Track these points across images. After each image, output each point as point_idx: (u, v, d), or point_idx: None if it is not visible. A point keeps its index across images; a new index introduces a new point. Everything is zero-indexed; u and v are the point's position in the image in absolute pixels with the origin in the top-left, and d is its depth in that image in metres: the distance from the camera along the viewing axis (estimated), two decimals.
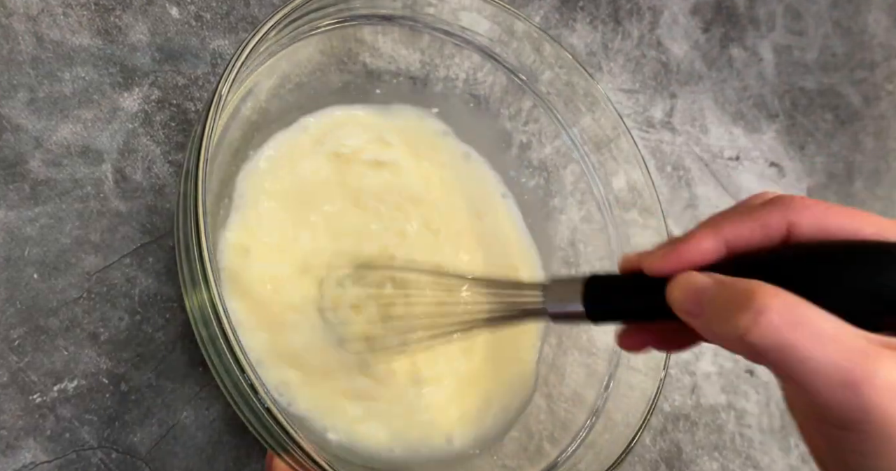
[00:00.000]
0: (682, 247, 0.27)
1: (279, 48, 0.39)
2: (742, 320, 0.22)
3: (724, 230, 0.26)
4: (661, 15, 0.67)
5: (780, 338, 0.22)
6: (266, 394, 0.29)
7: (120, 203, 0.41)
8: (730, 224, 0.26)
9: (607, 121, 0.47)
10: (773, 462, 0.59)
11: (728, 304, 0.23)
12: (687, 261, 0.27)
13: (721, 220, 0.27)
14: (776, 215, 0.26)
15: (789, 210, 0.26)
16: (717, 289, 0.24)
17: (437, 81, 0.48)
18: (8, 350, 0.37)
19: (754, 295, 0.22)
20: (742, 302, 0.23)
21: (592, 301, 0.30)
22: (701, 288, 0.25)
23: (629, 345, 0.31)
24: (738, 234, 0.26)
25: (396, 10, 0.44)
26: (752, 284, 0.23)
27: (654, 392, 0.41)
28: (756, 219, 0.26)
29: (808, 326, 0.22)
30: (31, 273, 0.38)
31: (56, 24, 0.42)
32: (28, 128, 0.40)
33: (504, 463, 0.43)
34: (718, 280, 0.25)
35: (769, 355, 0.22)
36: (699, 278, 0.25)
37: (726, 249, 0.27)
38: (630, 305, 0.30)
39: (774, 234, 0.26)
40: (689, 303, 0.25)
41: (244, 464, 0.41)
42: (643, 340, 0.31)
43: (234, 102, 0.38)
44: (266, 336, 0.39)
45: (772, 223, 0.26)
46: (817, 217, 0.25)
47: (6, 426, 0.36)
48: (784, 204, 0.26)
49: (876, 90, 0.78)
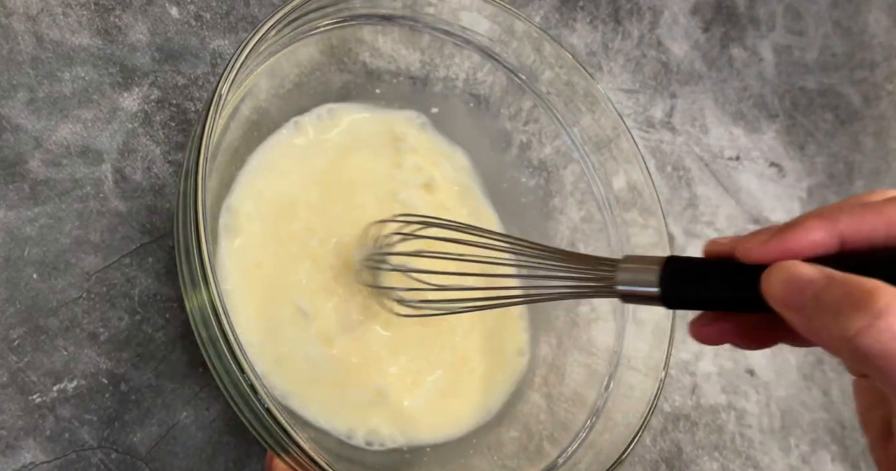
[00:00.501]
0: (787, 234, 0.24)
1: (279, 48, 0.39)
2: (856, 321, 0.20)
3: (841, 222, 0.24)
4: (662, 15, 0.67)
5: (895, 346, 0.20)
6: (266, 394, 0.29)
7: (120, 203, 0.41)
8: (849, 216, 0.24)
9: (607, 121, 0.47)
10: (773, 462, 0.59)
11: (840, 301, 0.21)
12: (792, 250, 0.24)
13: (836, 211, 0.24)
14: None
15: None
16: (826, 283, 0.22)
17: (437, 81, 0.48)
18: (8, 350, 0.37)
19: (874, 295, 0.20)
20: (858, 301, 0.21)
21: (671, 284, 0.27)
22: (807, 280, 0.23)
23: (705, 336, 0.28)
24: (858, 228, 0.24)
25: (396, 10, 0.44)
26: (872, 283, 0.21)
27: (654, 392, 0.41)
28: (881, 214, 0.24)
29: None
30: (30, 273, 0.38)
31: (56, 24, 0.42)
32: (28, 128, 0.40)
33: (504, 463, 0.43)
34: (829, 274, 0.22)
35: (880, 361, 0.20)
36: (805, 269, 0.23)
37: (840, 244, 0.24)
38: (713, 293, 0.27)
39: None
40: (792, 296, 0.23)
41: (244, 464, 0.41)
42: (722, 332, 0.28)
43: (234, 102, 0.38)
44: (267, 334, 0.40)
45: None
46: None
47: (6, 426, 0.36)
48: None
49: (876, 90, 0.78)
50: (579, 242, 0.49)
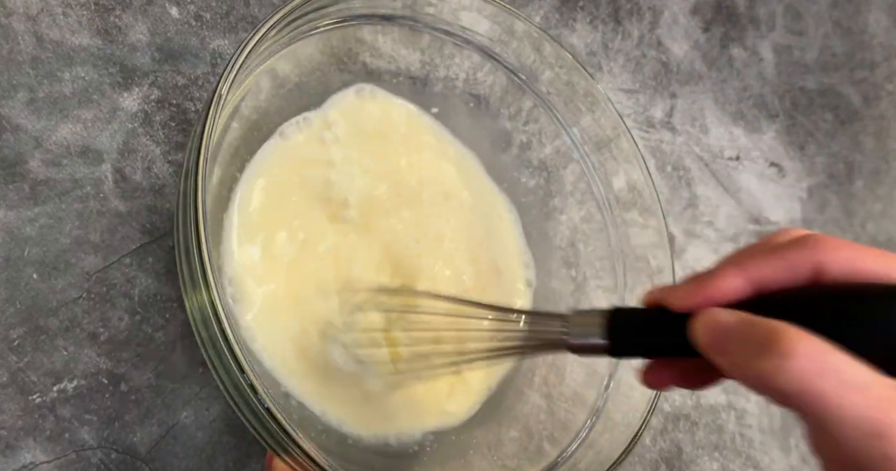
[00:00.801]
0: (707, 283, 0.26)
1: (279, 48, 0.39)
2: (768, 364, 0.22)
3: (750, 269, 0.26)
4: (662, 15, 0.67)
5: (806, 385, 0.21)
6: (266, 394, 0.29)
7: (120, 203, 0.41)
8: (755, 262, 0.26)
9: (607, 121, 0.47)
10: (773, 462, 0.59)
11: (753, 344, 0.23)
12: (712, 298, 0.26)
13: (747, 257, 0.26)
14: (804, 256, 0.25)
15: (817, 251, 0.25)
16: (742, 328, 0.24)
17: (437, 81, 0.48)
18: (8, 350, 0.37)
19: (781, 337, 0.22)
20: (768, 344, 0.22)
21: (615, 335, 0.30)
22: (725, 326, 0.25)
23: (652, 382, 0.31)
24: (764, 273, 0.26)
25: (396, 10, 0.44)
26: (778, 326, 0.23)
27: (655, 392, 0.41)
28: (783, 258, 0.26)
29: (836, 373, 0.21)
30: (30, 273, 0.38)
31: (56, 24, 0.42)
32: (28, 128, 0.40)
33: (504, 463, 0.43)
34: (743, 319, 0.24)
35: (794, 400, 0.22)
36: (723, 315, 0.25)
37: (753, 288, 0.26)
38: (653, 341, 0.29)
39: (801, 274, 0.25)
40: (713, 341, 0.25)
41: (244, 464, 0.41)
42: (666, 378, 0.30)
43: (234, 102, 0.38)
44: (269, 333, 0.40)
45: (799, 264, 0.25)
46: (848, 259, 0.25)
47: (6, 426, 0.36)
48: (812, 244, 0.25)
49: (876, 90, 0.78)
50: (579, 243, 0.49)
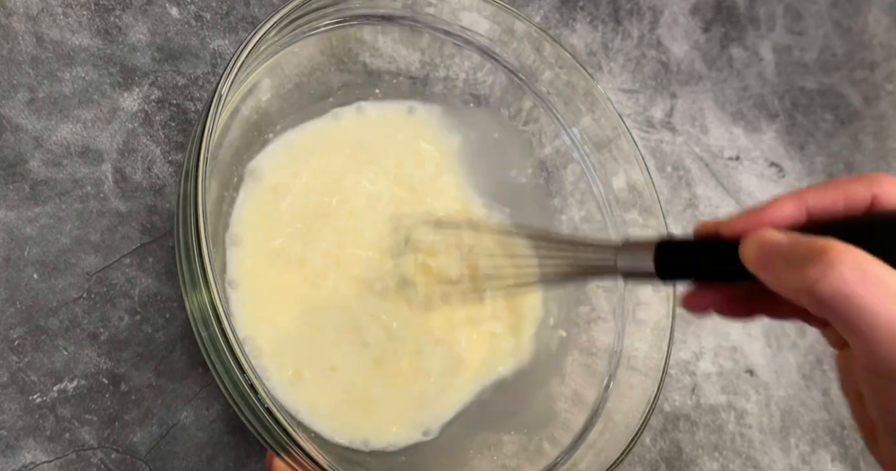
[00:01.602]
0: (762, 210, 0.28)
1: (279, 48, 0.39)
2: (812, 271, 0.23)
3: (807, 197, 0.27)
4: (661, 15, 0.67)
5: (848, 290, 0.23)
6: (266, 394, 0.29)
7: (120, 203, 0.41)
8: (814, 192, 0.27)
9: (607, 121, 0.47)
10: (773, 462, 0.59)
11: (800, 256, 0.24)
12: (766, 222, 0.28)
13: (805, 189, 0.28)
14: (861, 187, 0.27)
15: (874, 184, 0.27)
16: (791, 244, 0.25)
17: (437, 81, 0.48)
18: (8, 350, 0.37)
19: (827, 249, 0.23)
20: (814, 255, 0.24)
21: (664, 259, 0.31)
22: (776, 243, 0.26)
23: (693, 305, 0.32)
24: (821, 202, 0.27)
25: (396, 10, 0.44)
26: (826, 241, 0.24)
27: (654, 392, 0.41)
28: (841, 189, 0.27)
29: (876, 281, 0.23)
30: (31, 273, 0.38)
31: (56, 24, 0.42)
32: (28, 128, 0.40)
33: (504, 463, 0.43)
34: (793, 237, 0.26)
35: (835, 304, 0.23)
36: (774, 234, 0.26)
37: (807, 216, 0.27)
38: (700, 265, 0.30)
39: (858, 205, 0.27)
40: (762, 256, 0.26)
41: (244, 464, 0.41)
42: (708, 302, 0.31)
43: (234, 102, 0.38)
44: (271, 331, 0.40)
45: (856, 194, 0.27)
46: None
47: (6, 426, 0.36)
48: (870, 178, 0.27)
49: (876, 90, 0.78)
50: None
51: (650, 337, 0.44)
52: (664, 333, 0.43)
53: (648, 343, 0.44)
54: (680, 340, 0.58)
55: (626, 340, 0.45)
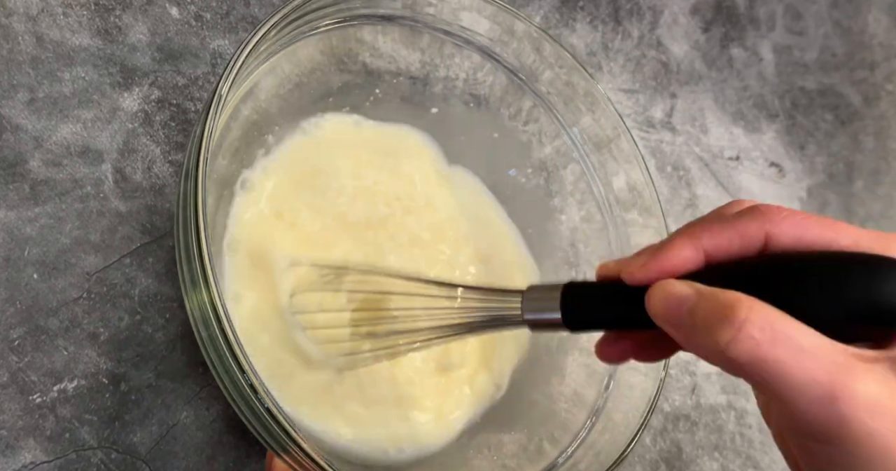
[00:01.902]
0: (661, 255, 0.27)
1: (279, 48, 0.39)
2: (723, 335, 0.22)
3: (703, 239, 0.26)
4: (661, 15, 0.67)
5: (759, 353, 0.22)
6: (266, 394, 0.29)
7: (120, 203, 0.41)
8: (708, 233, 0.26)
9: (607, 121, 0.47)
10: (773, 462, 0.59)
11: (709, 316, 0.23)
12: (666, 270, 0.27)
13: (699, 229, 0.27)
14: (753, 225, 0.26)
15: (766, 220, 0.26)
16: (697, 299, 0.24)
17: (437, 81, 0.48)
18: (8, 350, 0.37)
19: (735, 308, 0.22)
20: (723, 315, 0.23)
21: (570, 309, 0.30)
22: (681, 297, 0.25)
23: (608, 355, 0.31)
24: (717, 243, 0.26)
25: (396, 10, 0.44)
26: (732, 296, 0.23)
27: (654, 392, 0.41)
28: (734, 228, 0.26)
29: (787, 340, 0.22)
30: (31, 273, 0.38)
31: (56, 24, 0.42)
32: (28, 128, 0.40)
33: (504, 463, 0.43)
34: (698, 290, 0.25)
35: (748, 369, 0.22)
36: (679, 287, 0.25)
37: (704, 258, 0.27)
38: (608, 314, 0.29)
39: (752, 244, 0.26)
40: (670, 313, 0.25)
41: (244, 464, 0.41)
42: (622, 350, 0.31)
43: (234, 102, 0.38)
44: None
45: (749, 233, 0.26)
46: (795, 227, 0.25)
47: (6, 426, 0.36)
48: (761, 214, 0.26)
49: (876, 90, 0.78)
50: (579, 243, 0.49)
51: None
52: None
53: None
54: None
55: None
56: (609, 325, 0.30)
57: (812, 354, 0.21)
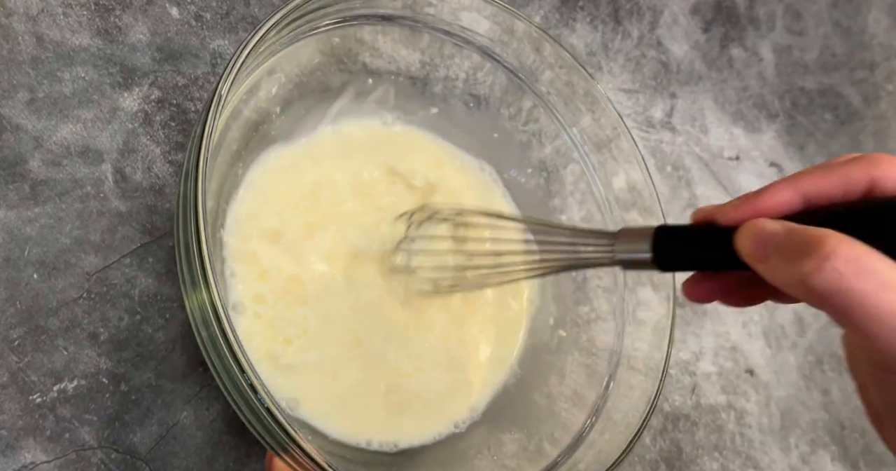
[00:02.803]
0: (758, 197, 0.27)
1: (279, 48, 0.39)
2: (807, 265, 0.23)
3: (804, 183, 0.26)
4: (661, 15, 0.67)
5: (843, 284, 0.22)
6: (266, 394, 0.29)
7: (120, 203, 0.41)
8: (810, 177, 0.26)
9: (607, 121, 0.47)
10: (773, 462, 0.59)
11: (795, 249, 0.23)
12: (762, 210, 0.27)
13: (802, 174, 0.27)
14: (858, 170, 0.26)
15: (872, 166, 0.25)
16: (786, 234, 0.24)
17: (437, 81, 0.48)
18: (8, 350, 0.37)
19: (822, 241, 0.23)
20: (809, 247, 0.23)
21: (662, 249, 0.30)
22: (770, 233, 0.25)
23: (695, 294, 0.31)
24: (818, 187, 0.26)
25: (396, 10, 0.44)
26: (821, 232, 0.23)
27: (654, 392, 0.41)
28: (838, 173, 0.26)
29: (873, 274, 0.22)
30: (31, 273, 0.38)
31: (56, 24, 0.42)
32: (28, 128, 0.40)
33: (504, 463, 0.43)
34: (788, 227, 0.25)
35: (831, 299, 0.22)
36: (769, 224, 0.25)
37: (804, 203, 0.26)
38: (698, 254, 0.30)
39: (855, 189, 0.26)
40: (757, 248, 0.25)
41: (244, 464, 0.41)
42: (710, 291, 0.30)
43: (234, 102, 0.38)
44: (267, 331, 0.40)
45: (853, 178, 0.26)
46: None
47: (6, 426, 0.36)
48: (868, 160, 0.26)
49: (876, 90, 0.78)
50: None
51: (650, 337, 0.44)
52: (664, 333, 0.43)
53: (648, 343, 0.44)
54: (680, 340, 0.58)
55: (626, 340, 0.45)
56: (699, 265, 0.30)
57: None
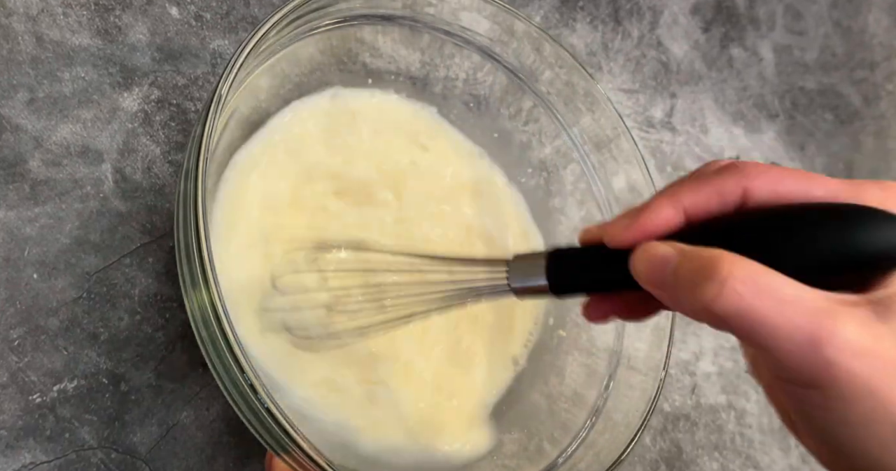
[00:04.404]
0: (642, 217, 0.27)
1: (279, 48, 0.39)
2: (707, 291, 0.23)
3: (683, 198, 0.27)
4: (661, 15, 0.67)
5: (744, 305, 0.22)
6: (266, 394, 0.29)
7: (120, 203, 0.41)
8: (687, 192, 0.27)
9: (607, 121, 0.47)
10: (773, 462, 0.59)
11: (692, 274, 0.24)
12: (648, 231, 0.27)
13: (678, 188, 0.27)
14: (731, 182, 0.26)
15: (743, 176, 0.26)
16: (680, 259, 0.25)
17: (437, 81, 0.48)
18: (8, 350, 0.37)
19: (718, 264, 0.23)
20: (706, 272, 0.23)
21: (556, 275, 0.31)
22: (664, 258, 0.25)
23: (594, 316, 0.31)
24: (696, 201, 0.27)
25: (396, 10, 0.44)
26: (714, 253, 0.23)
27: (654, 392, 0.41)
28: (712, 185, 0.26)
29: (770, 291, 0.22)
30: (31, 273, 0.38)
31: (56, 24, 0.42)
32: (28, 128, 0.40)
33: (504, 463, 0.43)
34: (681, 249, 0.25)
35: (734, 321, 0.23)
36: (662, 248, 0.26)
37: (684, 217, 0.27)
38: (594, 278, 0.30)
39: (730, 200, 0.26)
40: (654, 274, 0.26)
41: (244, 464, 0.41)
42: (607, 311, 0.31)
43: (234, 102, 0.38)
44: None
45: (727, 190, 0.26)
46: (771, 182, 0.26)
47: (6, 426, 0.36)
48: (738, 170, 0.26)
49: (876, 90, 0.78)
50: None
51: (650, 337, 0.44)
52: (664, 333, 0.43)
53: (648, 343, 0.44)
54: (680, 340, 0.58)
55: (626, 340, 0.45)
56: (595, 288, 0.31)
57: (794, 302, 0.22)
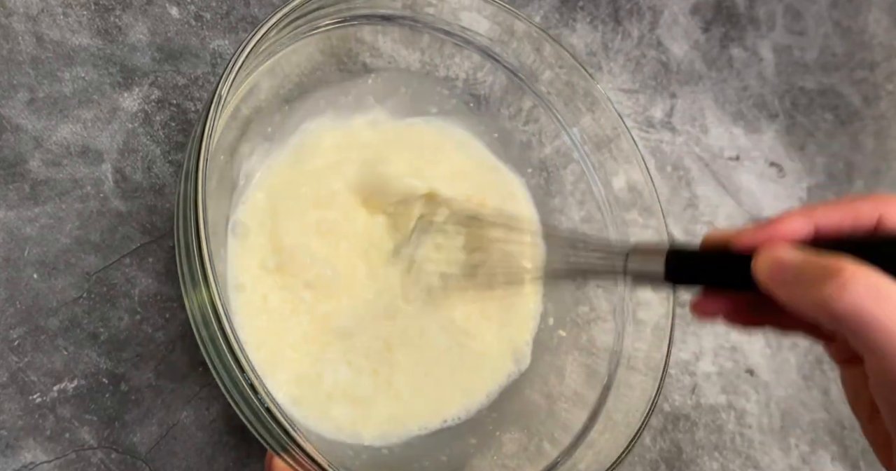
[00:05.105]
0: (774, 223, 0.29)
1: (279, 48, 0.39)
2: (828, 289, 0.24)
3: (817, 214, 0.28)
4: (661, 15, 0.67)
5: (863, 307, 0.23)
6: (266, 394, 0.29)
7: (120, 203, 0.41)
8: (823, 208, 0.28)
9: (607, 121, 0.47)
10: (773, 462, 0.59)
11: (814, 274, 0.25)
12: (777, 236, 0.28)
13: (814, 204, 0.29)
14: (868, 206, 0.28)
15: (881, 203, 0.28)
16: (805, 261, 0.26)
17: (437, 81, 0.48)
18: (8, 350, 0.37)
19: (842, 266, 0.24)
20: (829, 273, 0.24)
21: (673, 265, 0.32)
22: (789, 259, 0.26)
23: (701, 311, 0.32)
24: (829, 217, 0.28)
25: (396, 10, 0.44)
26: (839, 259, 0.25)
27: (654, 392, 0.41)
28: (849, 207, 0.28)
29: (889, 299, 0.23)
30: (31, 273, 0.38)
31: (56, 24, 0.42)
32: (28, 128, 0.40)
33: (504, 463, 0.43)
34: (806, 254, 0.26)
35: (850, 321, 0.24)
36: (788, 251, 0.27)
37: (815, 233, 0.28)
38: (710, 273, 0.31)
39: (865, 222, 0.28)
40: (775, 273, 0.27)
41: (244, 464, 0.41)
42: (716, 309, 0.32)
43: (234, 102, 0.38)
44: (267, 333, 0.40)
45: (863, 212, 0.28)
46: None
47: (6, 426, 0.36)
48: (878, 199, 0.28)
49: (876, 90, 0.78)
50: (579, 243, 0.49)
51: (650, 337, 0.44)
52: (664, 333, 0.43)
53: (648, 343, 0.44)
54: (680, 340, 0.58)
55: (626, 340, 0.45)
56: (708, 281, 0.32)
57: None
